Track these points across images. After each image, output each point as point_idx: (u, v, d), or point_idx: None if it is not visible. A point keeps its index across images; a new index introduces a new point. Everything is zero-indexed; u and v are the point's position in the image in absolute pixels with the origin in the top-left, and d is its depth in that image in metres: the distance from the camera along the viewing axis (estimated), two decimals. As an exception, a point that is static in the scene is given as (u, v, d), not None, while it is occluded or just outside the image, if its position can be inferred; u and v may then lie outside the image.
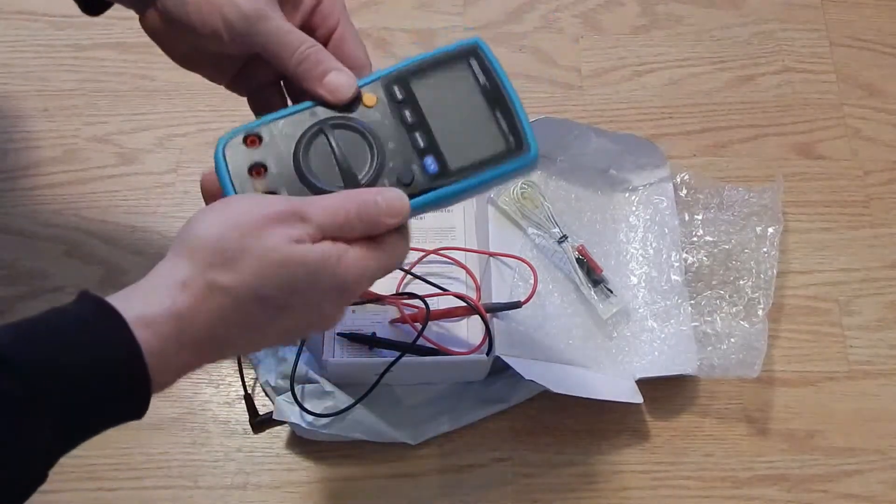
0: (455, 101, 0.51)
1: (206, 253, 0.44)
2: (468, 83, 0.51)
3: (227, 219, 0.45)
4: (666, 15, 0.91)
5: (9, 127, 0.82)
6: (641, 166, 0.80)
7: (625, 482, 0.71)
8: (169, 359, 0.43)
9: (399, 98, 0.51)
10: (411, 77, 0.51)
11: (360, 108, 0.51)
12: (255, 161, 0.49)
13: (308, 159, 0.49)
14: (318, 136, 0.50)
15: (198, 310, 0.43)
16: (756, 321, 0.73)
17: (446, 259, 0.74)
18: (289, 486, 0.69)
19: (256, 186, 0.49)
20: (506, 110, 0.51)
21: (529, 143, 0.50)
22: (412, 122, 0.50)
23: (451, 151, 0.50)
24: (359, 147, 0.50)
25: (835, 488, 0.71)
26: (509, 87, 0.51)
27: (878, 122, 0.86)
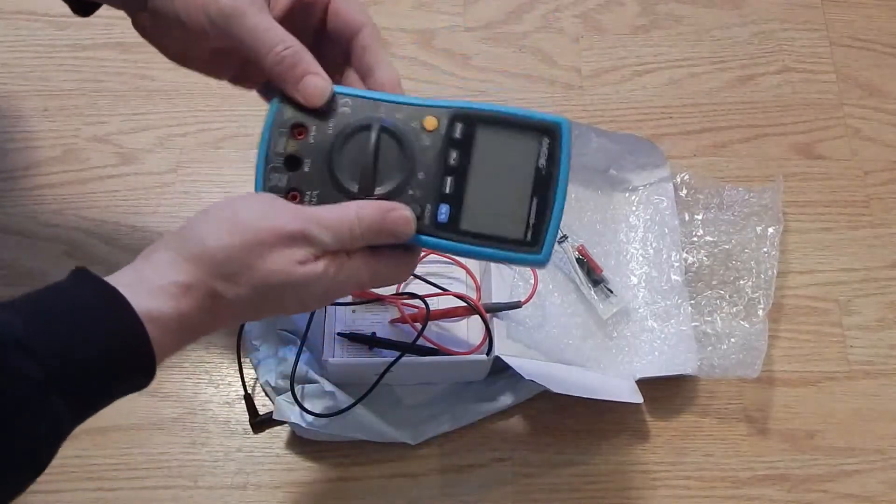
0: (505, 167, 0.49)
1: (212, 264, 0.46)
2: (528, 157, 0.49)
3: (235, 232, 0.46)
4: (666, 15, 0.91)
5: (9, 127, 0.82)
6: (641, 166, 0.80)
7: (625, 482, 0.71)
8: (169, 347, 0.46)
9: (456, 136, 0.50)
10: (480, 123, 0.50)
11: (418, 126, 0.50)
12: (299, 121, 0.50)
13: (344, 145, 0.49)
14: (367, 129, 0.49)
15: (198, 311, 0.46)
16: (756, 321, 0.73)
17: (446, 259, 0.74)
18: (289, 486, 0.69)
19: (288, 145, 0.49)
20: (543, 203, 0.49)
21: (545, 245, 0.49)
22: (452, 166, 0.49)
23: (469, 212, 0.49)
24: (394, 161, 0.49)
25: (835, 488, 0.71)
26: (562, 182, 0.49)
27: (878, 122, 0.86)
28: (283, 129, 0.50)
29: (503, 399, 0.72)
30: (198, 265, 0.46)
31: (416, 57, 0.87)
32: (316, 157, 0.49)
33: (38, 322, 0.42)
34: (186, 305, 0.45)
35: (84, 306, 0.43)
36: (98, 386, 0.43)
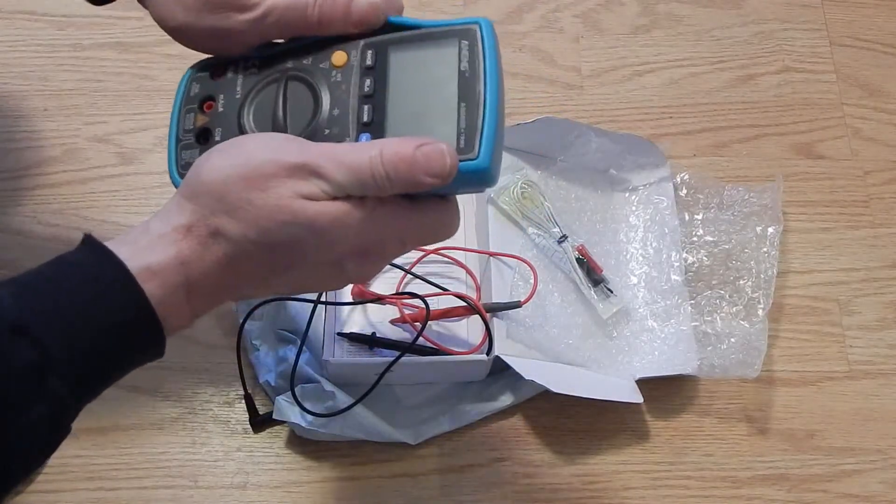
0: (424, 80, 0.45)
1: (210, 198, 0.42)
2: (448, 65, 0.45)
3: (234, 164, 0.42)
4: (666, 15, 0.91)
5: (9, 127, 0.82)
6: (641, 166, 0.80)
7: (625, 482, 0.71)
8: (180, 306, 0.43)
9: (368, 64, 0.46)
10: (392, 45, 0.46)
11: (327, 65, 0.47)
12: (208, 94, 0.48)
13: (252, 104, 0.47)
14: (273, 83, 0.47)
15: (202, 257, 0.42)
16: (756, 321, 0.73)
17: (446, 259, 0.74)
18: (289, 486, 0.69)
19: (198, 120, 0.47)
20: (473, 106, 0.44)
21: (481, 148, 0.43)
22: (367, 94, 0.46)
23: (394, 135, 0.44)
24: (306, 106, 0.46)
25: (835, 488, 0.71)
26: (489, 82, 0.44)
27: (878, 122, 0.86)
28: (191, 106, 0.48)
29: (503, 399, 0.72)
30: (197, 201, 0.42)
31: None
32: (226, 123, 0.47)
33: (32, 299, 0.40)
34: (188, 249, 0.42)
35: (78, 277, 0.41)
36: (102, 361, 0.41)
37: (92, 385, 0.42)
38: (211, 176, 0.43)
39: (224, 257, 0.42)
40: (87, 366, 0.40)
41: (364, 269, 0.45)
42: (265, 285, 0.45)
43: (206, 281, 0.43)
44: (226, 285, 0.44)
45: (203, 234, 0.42)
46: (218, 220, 0.42)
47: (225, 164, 0.43)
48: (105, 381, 0.42)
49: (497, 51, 0.45)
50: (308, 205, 0.42)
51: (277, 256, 0.43)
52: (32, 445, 0.40)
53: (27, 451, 0.40)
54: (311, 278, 0.45)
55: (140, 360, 0.43)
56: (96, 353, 0.40)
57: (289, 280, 0.45)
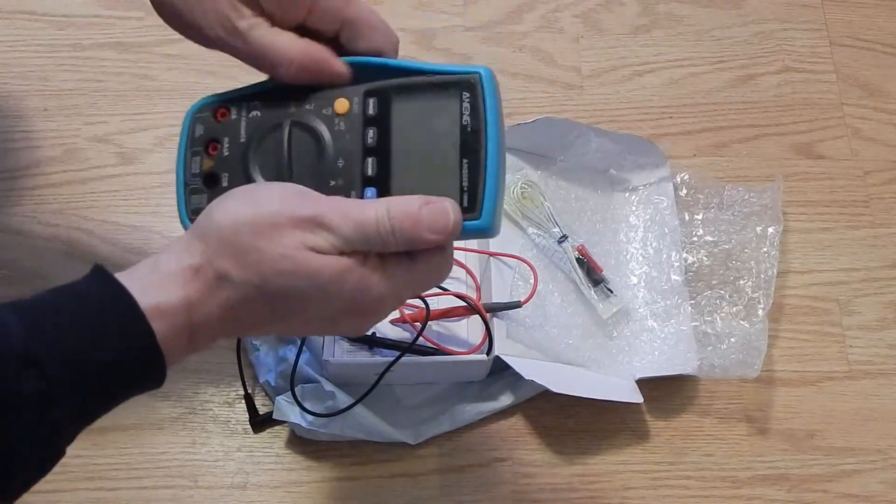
0: (428, 135, 0.46)
1: (219, 241, 0.43)
2: (450, 119, 0.45)
3: (247, 211, 0.43)
4: (666, 15, 0.91)
5: (9, 127, 0.82)
6: (641, 166, 0.80)
7: (625, 482, 0.71)
8: (182, 345, 0.43)
9: (371, 114, 0.47)
10: (394, 93, 0.46)
11: (330, 112, 0.47)
12: (213, 136, 0.48)
13: (258, 150, 0.47)
14: (278, 129, 0.47)
15: (207, 300, 0.43)
16: (756, 321, 0.73)
17: (446, 259, 0.74)
18: (289, 486, 0.69)
19: (204, 164, 0.48)
20: (475, 164, 0.44)
21: (483, 209, 0.44)
22: (371, 146, 0.46)
23: (399, 191, 0.45)
24: (311, 154, 0.47)
25: (835, 488, 0.71)
26: (491, 138, 0.45)
27: (878, 122, 0.86)
28: (196, 149, 0.48)
29: (503, 399, 0.72)
30: (207, 242, 0.43)
31: (416, 57, 0.87)
32: (232, 169, 0.47)
33: (42, 330, 0.40)
34: (196, 291, 0.43)
35: (89, 310, 0.41)
36: (105, 394, 0.42)
37: (92, 414, 0.42)
38: (223, 219, 0.44)
39: (227, 301, 0.43)
40: (91, 397, 0.41)
41: (359, 325, 0.47)
42: (262, 330, 0.46)
43: (209, 323, 0.43)
44: (225, 328, 0.44)
45: (210, 277, 0.43)
46: (225, 264, 0.43)
47: (238, 210, 0.44)
48: (105, 410, 0.43)
49: (498, 101, 0.46)
50: (313, 257, 0.43)
51: (278, 304, 0.44)
52: (30, 469, 0.41)
53: (25, 474, 0.40)
54: (307, 327, 0.47)
55: (139, 392, 0.44)
56: (100, 386, 0.41)
57: (285, 327, 0.47)
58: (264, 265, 0.43)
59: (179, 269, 0.43)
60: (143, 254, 0.77)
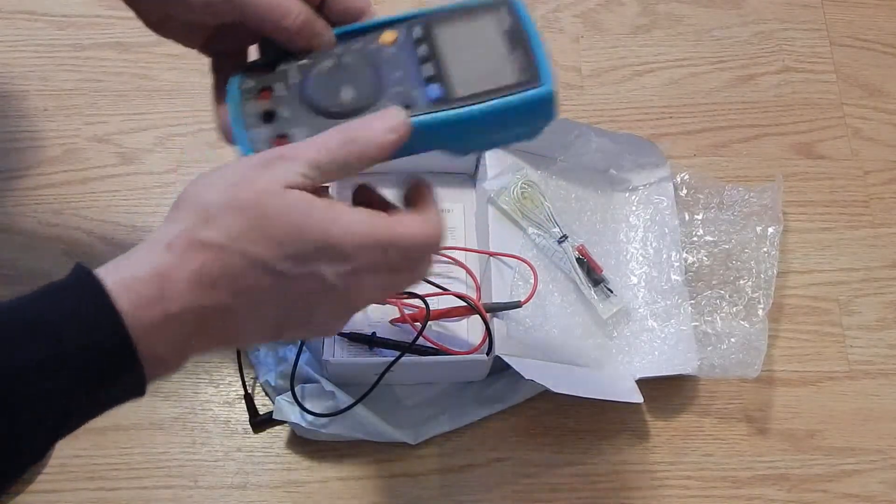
0: (473, 40, 0.49)
1: (191, 211, 0.42)
2: (491, 26, 0.49)
3: (214, 177, 0.43)
4: (666, 15, 0.91)
5: (9, 127, 0.82)
6: (641, 166, 0.80)
7: (625, 482, 0.71)
8: (157, 327, 0.40)
9: (417, 36, 0.50)
10: (435, 20, 0.50)
11: (376, 44, 0.50)
12: (264, 84, 0.49)
13: (313, 84, 0.49)
14: (329, 64, 0.49)
15: (180, 268, 0.41)
16: (756, 321, 0.73)
17: (446, 259, 0.74)
18: (289, 486, 0.69)
19: (260, 106, 0.48)
20: (525, 49, 0.48)
21: (544, 77, 0.47)
22: (424, 55, 0.49)
23: (459, 80, 0.48)
24: (366, 76, 0.49)
25: (835, 488, 0.71)
26: (533, 31, 0.49)
27: (878, 122, 0.86)
28: (248, 97, 0.49)
29: (503, 399, 0.72)
30: (178, 219, 0.42)
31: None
32: (290, 103, 0.49)
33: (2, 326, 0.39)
34: (165, 261, 0.40)
35: (52, 298, 0.40)
36: (70, 387, 0.39)
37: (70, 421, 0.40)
38: (191, 190, 0.43)
39: (201, 267, 0.41)
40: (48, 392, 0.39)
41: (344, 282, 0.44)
42: (245, 308, 0.43)
43: (184, 297, 0.41)
44: (205, 303, 0.41)
45: (182, 247, 0.41)
46: (197, 230, 0.42)
47: (204, 180, 0.43)
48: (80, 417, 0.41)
49: (530, 19, 0.50)
50: (289, 191, 0.42)
51: (258, 260, 0.42)
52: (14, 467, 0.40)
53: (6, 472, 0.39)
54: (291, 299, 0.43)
55: (111, 387, 0.41)
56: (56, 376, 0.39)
57: (271, 300, 0.43)
58: (237, 215, 0.41)
59: (150, 246, 0.42)
60: (143, 254, 0.77)
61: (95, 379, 0.40)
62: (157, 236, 0.42)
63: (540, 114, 0.49)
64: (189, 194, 0.43)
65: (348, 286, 0.44)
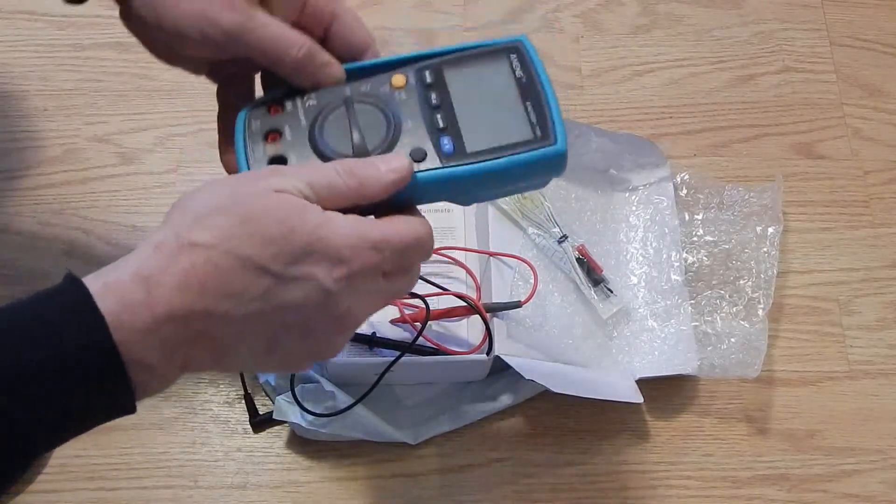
0: (486, 89, 0.49)
1: (181, 216, 0.42)
2: (503, 75, 0.49)
3: (205, 187, 0.43)
4: (666, 15, 0.91)
5: (9, 126, 0.82)
6: (641, 166, 0.80)
7: (625, 482, 0.71)
8: (142, 331, 0.39)
9: (428, 82, 0.49)
10: (446, 65, 0.50)
11: (387, 87, 0.49)
12: (272, 127, 0.49)
13: (323, 129, 0.48)
14: (338, 108, 0.49)
15: (167, 270, 0.39)
16: (756, 321, 0.73)
17: (446, 259, 0.74)
18: (289, 486, 0.69)
19: (268, 151, 0.48)
20: (537, 103, 0.48)
21: (556, 135, 0.47)
22: (436, 104, 0.49)
23: (471, 134, 0.48)
24: (377, 123, 0.48)
25: (835, 488, 0.71)
26: (546, 82, 0.49)
27: (878, 121, 0.86)
28: (256, 140, 0.49)
29: (503, 399, 0.72)
30: (168, 224, 0.41)
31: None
32: (298, 149, 0.48)
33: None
34: (152, 263, 0.40)
35: (39, 303, 0.39)
36: (50, 395, 0.38)
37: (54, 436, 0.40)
38: (184, 199, 0.43)
39: (190, 268, 0.40)
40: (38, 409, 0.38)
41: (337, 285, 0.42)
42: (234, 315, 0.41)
43: (171, 300, 0.39)
44: (193, 308, 0.40)
45: (169, 249, 0.40)
46: (186, 233, 0.41)
47: (197, 190, 0.43)
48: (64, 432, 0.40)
49: (541, 63, 0.50)
50: (274, 195, 0.42)
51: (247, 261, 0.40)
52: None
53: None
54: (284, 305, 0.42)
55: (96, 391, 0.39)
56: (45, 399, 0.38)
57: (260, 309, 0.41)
58: (227, 216, 0.41)
59: (138, 251, 0.41)
60: (143, 254, 0.77)
61: (77, 382, 0.38)
62: (146, 241, 0.41)
63: (550, 170, 0.48)
64: (180, 202, 0.43)
65: (344, 292, 0.43)
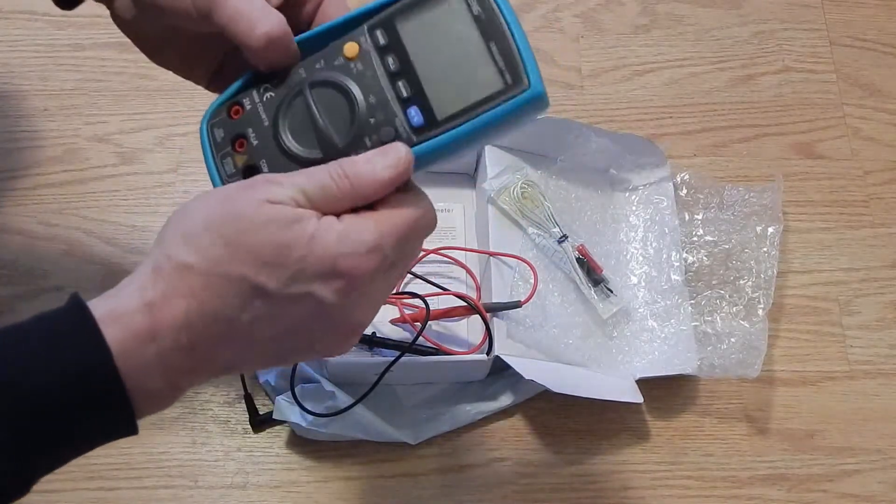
0: (445, 38, 0.44)
1: (172, 235, 0.40)
2: (460, 15, 0.44)
3: (194, 202, 0.41)
4: (666, 14, 0.91)
5: (9, 126, 0.82)
6: (641, 166, 0.80)
7: (625, 482, 0.71)
8: (148, 359, 0.39)
9: (382, 44, 0.45)
10: (397, 16, 0.45)
11: (341, 59, 0.45)
12: (236, 133, 0.46)
13: (287, 126, 0.45)
14: (298, 97, 0.45)
15: (168, 297, 0.39)
16: (756, 321, 0.73)
17: (446, 259, 0.74)
18: (289, 486, 0.70)
19: (237, 161, 0.45)
20: (502, 42, 0.43)
21: (529, 77, 0.42)
22: (395, 70, 0.44)
23: (439, 98, 0.44)
24: (340, 105, 0.45)
25: (835, 488, 0.71)
26: (508, 13, 0.43)
27: (878, 121, 0.86)
28: (224, 152, 0.47)
29: (503, 399, 0.72)
30: (160, 245, 0.40)
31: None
32: (268, 153, 0.46)
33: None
34: (154, 290, 0.39)
35: (41, 327, 0.38)
36: (50, 420, 0.37)
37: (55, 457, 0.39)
38: (173, 218, 0.41)
39: (189, 293, 0.39)
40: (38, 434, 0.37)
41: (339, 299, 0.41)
42: (237, 334, 0.40)
43: (174, 325, 0.39)
44: (196, 331, 0.39)
45: (169, 274, 0.39)
46: (179, 254, 0.39)
47: (185, 207, 0.41)
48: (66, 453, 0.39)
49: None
50: (267, 207, 0.40)
51: (244, 281, 0.39)
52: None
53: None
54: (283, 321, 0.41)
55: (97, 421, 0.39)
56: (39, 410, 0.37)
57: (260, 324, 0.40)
58: (217, 233, 0.39)
59: (138, 275, 0.40)
60: (142, 254, 0.77)
61: (80, 409, 0.38)
62: (145, 262, 0.40)
63: (531, 113, 0.44)
64: (172, 219, 0.41)
65: (347, 302, 0.41)
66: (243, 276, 0.39)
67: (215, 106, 0.48)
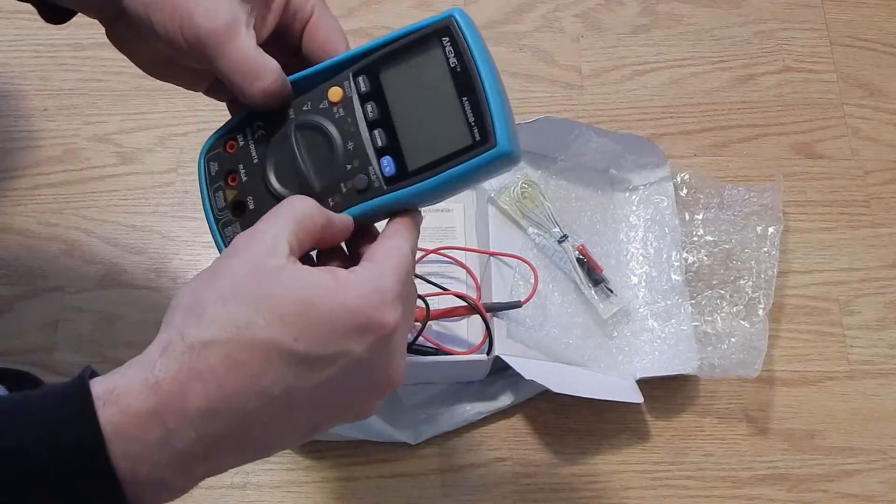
0: (422, 90, 0.45)
1: (180, 312, 0.38)
2: (439, 67, 0.45)
3: (202, 278, 0.40)
4: (666, 14, 0.91)
5: (9, 126, 0.82)
6: (642, 166, 0.80)
7: (625, 482, 0.71)
8: (149, 443, 0.36)
9: (364, 91, 0.46)
10: (381, 64, 0.46)
11: (326, 103, 0.47)
12: (229, 168, 0.48)
13: (273, 164, 0.47)
14: (284, 137, 0.47)
15: (183, 381, 0.36)
16: (756, 321, 0.73)
17: (446, 259, 0.74)
18: (289, 485, 0.69)
19: (228, 196, 0.47)
20: (474, 98, 0.44)
21: (496, 135, 0.43)
22: (374, 118, 0.46)
23: (411, 149, 0.45)
24: (321, 148, 0.46)
25: (835, 488, 0.71)
26: (483, 68, 0.44)
27: (878, 121, 0.86)
28: (217, 185, 0.48)
29: (503, 399, 0.72)
30: (169, 323, 0.38)
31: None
32: (255, 190, 0.47)
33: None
34: (163, 369, 0.36)
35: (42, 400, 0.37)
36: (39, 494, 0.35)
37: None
38: (180, 293, 0.40)
39: (211, 373, 0.36)
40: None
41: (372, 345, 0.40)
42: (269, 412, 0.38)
43: (191, 408, 0.36)
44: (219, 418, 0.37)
45: (180, 352, 0.37)
46: (190, 331, 0.37)
47: (192, 282, 0.40)
48: None
49: (479, 36, 0.45)
50: (271, 260, 0.39)
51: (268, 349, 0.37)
52: None
53: None
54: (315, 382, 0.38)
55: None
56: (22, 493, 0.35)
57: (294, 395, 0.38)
58: (239, 302, 0.38)
59: (147, 353, 0.38)
60: (142, 254, 0.77)
61: (70, 490, 0.36)
62: (156, 341, 0.38)
63: (497, 170, 0.45)
64: (181, 299, 0.39)
65: (380, 354, 0.40)
66: (271, 339, 0.37)
67: (214, 139, 0.49)
